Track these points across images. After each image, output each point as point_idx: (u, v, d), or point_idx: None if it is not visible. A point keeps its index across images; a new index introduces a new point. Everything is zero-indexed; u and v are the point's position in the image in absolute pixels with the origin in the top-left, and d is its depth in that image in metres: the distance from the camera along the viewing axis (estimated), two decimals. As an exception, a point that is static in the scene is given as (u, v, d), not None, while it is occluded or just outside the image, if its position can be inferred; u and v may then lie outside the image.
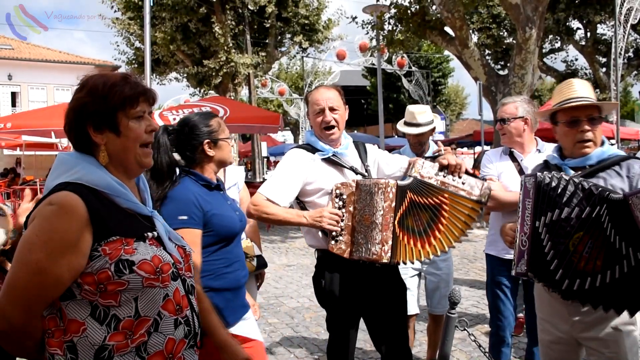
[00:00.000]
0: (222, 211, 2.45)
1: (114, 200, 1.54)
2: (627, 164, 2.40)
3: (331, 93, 2.88)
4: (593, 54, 21.33)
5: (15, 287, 1.43)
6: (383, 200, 2.59)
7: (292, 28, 19.00)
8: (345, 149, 2.92)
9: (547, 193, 2.25)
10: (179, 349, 1.58)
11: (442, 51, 27.52)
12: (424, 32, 12.54)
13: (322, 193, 2.81)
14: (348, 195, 2.70)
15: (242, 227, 2.56)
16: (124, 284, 1.46)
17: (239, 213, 2.56)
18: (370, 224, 2.60)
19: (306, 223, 2.74)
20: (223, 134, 2.56)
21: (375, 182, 2.64)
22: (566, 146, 2.55)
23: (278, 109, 30.82)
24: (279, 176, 2.83)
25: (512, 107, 3.42)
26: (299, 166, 2.82)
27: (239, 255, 2.55)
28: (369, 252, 2.60)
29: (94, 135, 1.56)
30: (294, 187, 2.79)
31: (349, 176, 2.85)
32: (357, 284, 2.81)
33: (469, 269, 7.78)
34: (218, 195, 2.52)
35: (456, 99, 38.56)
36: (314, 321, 5.54)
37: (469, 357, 4.42)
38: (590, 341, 2.39)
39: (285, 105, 27.34)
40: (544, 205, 2.25)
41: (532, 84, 11.35)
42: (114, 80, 1.58)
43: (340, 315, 2.90)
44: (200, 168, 2.52)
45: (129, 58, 19.98)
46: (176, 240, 1.69)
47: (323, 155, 2.84)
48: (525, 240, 2.32)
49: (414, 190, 2.66)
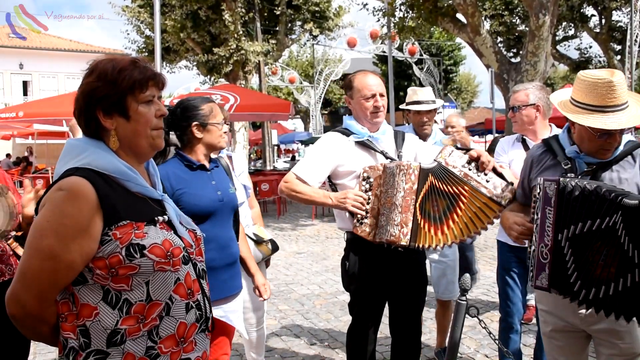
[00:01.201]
0: (197, 190, 2.56)
1: (124, 184, 1.54)
2: (638, 153, 2.27)
3: (379, 80, 2.95)
4: (607, 42, 21.03)
5: (28, 273, 1.44)
6: (404, 182, 2.58)
7: (302, 15, 18.91)
8: (382, 134, 2.94)
9: (570, 203, 2.08)
10: (190, 333, 1.59)
11: (453, 39, 27.29)
12: (435, 18, 12.44)
13: (353, 176, 2.85)
14: (375, 178, 2.71)
15: (222, 208, 2.62)
16: (135, 268, 1.46)
17: (222, 194, 2.63)
18: (391, 205, 2.59)
19: (331, 204, 2.79)
20: (213, 119, 2.66)
21: (398, 164, 2.64)
22: (589, 148, 2.28)
23: (288, 96, 30.76)
24: (311, 157, 2.91)
25: (523, 95, 3.39)
26: (331, 148, 2.87)
27: (217, 237, 2.57)
28: (388, 233, 2.59)
29: (103, 120, 1.56)
30: (325, 168, 2.85)
31: (381, 161, 2.86)
32: (381, 268, 2.82)
33: (479, 257, 7.75)
34: (201, 175, 2.63)
35: (468, 87, 38.30)
36: (324, 308, 5.56)
37: (479, 344, 4.42)
38: (602, 333, 2.30)
39: (296, 93, 27.26)
40: (567, 217, 2.09)
41: (545, 72, 11.24)
42: (123, 65, 1.58)
43: (362, 299, 2.92)
44: (190, 149, 2.65)
45: (139, 46, 20.02)
46: (187, 224, 1.70)
47: (357, 139, 2.87)
48: (547, 253, 2.17)
49: (435, 174, 2.63)
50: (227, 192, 2.68)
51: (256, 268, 2.94)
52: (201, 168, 2.66)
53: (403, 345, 2.98)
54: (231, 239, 2.70)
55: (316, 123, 24.67)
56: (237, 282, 2.73)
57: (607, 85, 2.12)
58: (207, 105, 2.68)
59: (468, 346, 4.42)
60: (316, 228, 11.09)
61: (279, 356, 4.34)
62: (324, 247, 8.89)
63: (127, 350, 1.48)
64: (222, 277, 2.59)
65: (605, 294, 2.03)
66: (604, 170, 2.25)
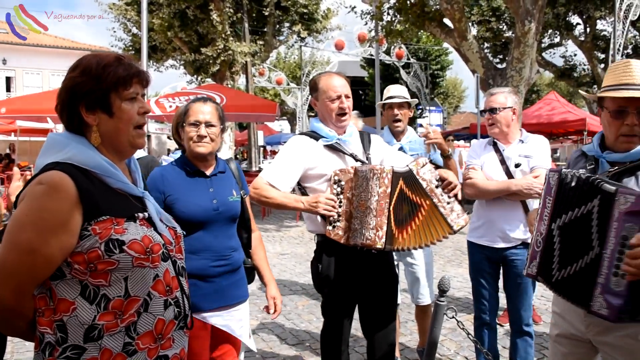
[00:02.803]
0: (190, 198, 2.46)
1: (105, 180, 1.54)
2: None
3: (345, 81, 2.94)
4: (592, 50, 21.28)
5: (5, 267, 1.43)
6: (378, 185, 2.62)
7: (290, 17, 18.90)
8: (349, 137, 2.95)
9: (567, 193, 2.11)
10: (168, 329, 1.59)
11: (441, 43, 27.45)
12: (422, 23, 12.52)
13: (323, 179, 2.85)
14: (346, 181, 2.73)
15: (217, 217, 2.50)
16: (114, 264, 1.47)
17: (218, 203, 2.52)
18: (366, 209, 2.62)
19: (303, 208, 2.78)
20: (188, 119, 2.55)
21: (371, 168, 2.67)
22: (609, 137, 2.24)
23: (275, 98, 30.70)
24: (280, 161, 2.88)
25: (502, 97, 3.45)
26: (300, 152, 2.86)
27: (212, 246, 2.49)
28: (364, 237, 2.62)
29: (86, 116, 1.56)
30: (295, 172, 2.83)
31: (350, 163, 2.87)
32: (354, 270, 2.84)
33: (462, 260, 7.81)
34: (197, 182, 2.54)
35: (454, 92, 38.53)
36: (306, 309, 5.57)
37: (459, 346, 4.45)
38: (605, 346, 2.19)
39: (283, 95, 27.22)
40: (562, 206, 2.12)
41: (530, 78, 11.35)
42: (108, 61, 1.58)
43: (335, 300, 2.93)
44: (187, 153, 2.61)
45: (125, 44, 19.85)
46: (167, 221, 1.70)
47: (326, 142, 2.87)
48: (540, 242, 2.22)
49: (405, 180, 2.69)
50: (224, 200, 2.55)
51: (270, 278, 2.81)
52: (198, 174, 2.56)
53: (377, 346, 3.00)
54: (230, 248, 2.57)
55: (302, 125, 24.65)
56: (238, 291, 2.62)
57: (623, 65, 2.18)
58: (189, 105, 2.59)
59: (448, 348, 4.45)
60: (300, 229, 11.09)
61: (259, 356, 4.34)
62: (308, 248, 8.89)
63: (104, 346, 1.48)
64: (219, 286, 2.50)
65: (562, 276, 2.07)
66: (629, 174, 2.14)
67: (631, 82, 2.14)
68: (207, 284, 2.46)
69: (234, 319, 2.59)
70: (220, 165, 2.67)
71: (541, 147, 3.49)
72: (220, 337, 2.59)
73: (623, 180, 2.14)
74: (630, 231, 1.80)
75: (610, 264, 1.86)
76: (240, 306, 2.64)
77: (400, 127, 3.97)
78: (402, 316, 5.07)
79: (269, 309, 2.75)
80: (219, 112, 2.62)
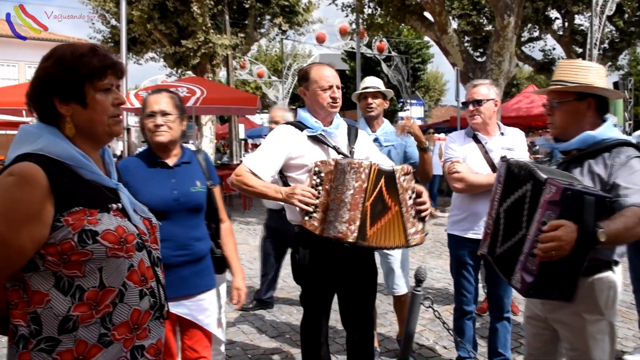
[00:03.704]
0: (150, 188, 2.49)
1: (77, 171, 1.53)
2: (617, 151, 2.27)
3: (335, 72, 2.96)
4: (570, 44, 21.53)
5: None
6: (355, 180, 2.61)
7: (271, 9, 18.83)
8: (335, 129, 2.96)
9: (512, 179, 2.32)
10: (144, 320, 1.59)
11: (422, 37, 27.53)
12: (403, 16, 12.57)
13: (304, 170, 2.85)
14: (326, 173, 2.72)
15: (177, 207, 2.54)
16: (88, 254, 1.46)
17: (179, 193, 2.56)
18: (340, 202, 2.63)
19: (281, 198, 2.78)
20: (145, 112, 2.61)
21: (349, 162, 2.67)
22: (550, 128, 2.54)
23: (256, 91, 30.58)
24: (263, 150, 2.89)
25: (485, 89, 3.48)
26: (283, 141, 2.86)
27: (174, 236, 2.52)
28: (336, 230, 2.62)
29: (59, 106, 1.54)
30: (277, 161, 2.84)
31: (333, 155, 2.88)
32: (331, 261, 2.85)
33: (442, 252, 7.89)
34: (160, 172, 2.58)
35: (435, 85, 38.71)
36: (286, 301, 5.59)
37: (438, 336, 4.51)
38: (557, 323, 2.41)
39: (264, 88, 27.11)
40: (507, 191, 2.33)
41: (509, 71, 11.48)
42: (82, 51, 1.56)
43: (313, 291, 2.95)
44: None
45: (104, 36, 19.59)
46: (142, 212, 1.70)
47: (311, 133, 2.87)
48: (491, 224, 2.43)
49: (386, 179, 2.70)
50: (186, 191, 2.59)
51: (237, 269, 2.86)
52: (161, 165, 2.60)
53: (357, 337, 3.02)
54: (193, 238, 2.62)
55: (284, 118, 24.58)
56: (202, 280, 2.66)
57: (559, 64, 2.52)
58: (146, 98, 2.65)
59: (427, 338, 4.50)
60: (282, 222, 11.08)
61: (240, 349, 4.35)
62: (289, 241, 8.89)
63: (79, 337, 1.47)
64: (180, 275, 2.53)
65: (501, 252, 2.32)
66: (576, 162, 2.35)
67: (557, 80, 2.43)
68: (168, 273, 2.50)
69: (199, 308, 2.63)
70: (185, 155, 2.70)
71: (521, 140, 3.56)
72: (191, 326, 2.64)
73: (571, 169, 2.34)
74: (549, 218, 1.99)
75: (531, 245, 2.05)
76: (206, 295, 2.68)
77: (373, 112, 3.97)
78: (381, 307, 5.12)
79: (232, 299, 2.80)
80: (174, 101, 2.65)
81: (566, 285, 2.06)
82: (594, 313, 2.29)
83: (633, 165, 2.21)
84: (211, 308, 2.72)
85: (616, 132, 2.37)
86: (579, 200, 1.93)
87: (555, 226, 1.91)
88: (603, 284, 2.29)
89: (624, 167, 2.20)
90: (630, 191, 2.12)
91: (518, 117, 17.11)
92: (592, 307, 2.28)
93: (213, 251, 2.80)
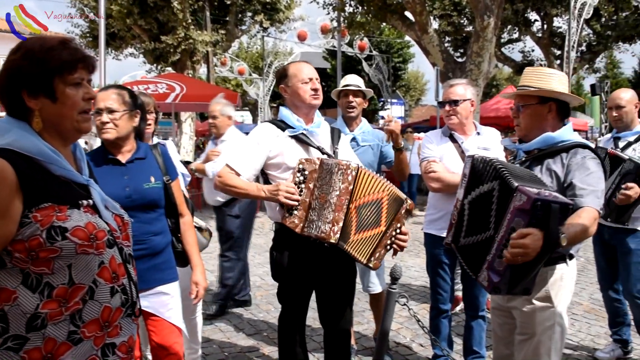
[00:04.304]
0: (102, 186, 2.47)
1: (47, 167, 1.50)
2: (574, 152, 2.45)
3: (313, 68, 3.00)
4: (549, 46, 21.81)
5: None
6: (341, 181, 2.61)
7: (253, 6, 18.73)
8: (317, 127, 2.95)
9: (476, 173, 2.48)
10: (115, 317, 1.58)
11: (403, 36, 27.64)
12: (384, 15, 12.60)
13: (284, 168, 2.85)
14: (310, 172, 2.72)
15: (130, 204, 2.45)
16: (57, 251, 1.44)
17: (131, 190, 2.54)
18: (325, 202, 2.63)
19: (264, 196, 2.79)
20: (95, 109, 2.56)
21: (337, 162, 2.66)
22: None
23: (237, 88, 30.39)
24: (245, 148, 2.88)
25: (461, 89, 3.50)
26: (264, 140, 2.85)
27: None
28: (319, 229, 2.62)
29: (28, 100, 1.51)
30: (258, 160, 2.84)
31: (315, 155, 2.87)
32: (310, 259, 2.85)
33: (419, 250, 7.94)
34: (113, 170, 2.55)
35: (416, 85, 38.90)
36: (264, 299, 5.57)
37: (415, 334, 4.54)
38: (515, 310, 2.56)
39: (245, 85, 26.96)
40: (472, 184, 2.49)
41: (489, 72, 11.58)
42: (52, 44, 1.53)
43: (291, 288, 2.95)
44: None
45: (82, 31, 19.31)
46: (113, 209, 1.68)
47: (293, 133, 2.86)
48: (456, 215, 2.60)
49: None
50: (138, 188, 2.56)
51: (197, 262, 2.85)
52: (113, 162, 2.57)
53: (334, 335, 3.03)
54: (149, 233, 2.60)
55: (264, 115, 24.48)
56: (160, 274, 2.66)
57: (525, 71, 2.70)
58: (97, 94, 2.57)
59: (404, 336, 4.53)
60: (260, 220, 11.04)
61: (217, 347, 4.33)
62: (268, 239, 8.87)
63: (47, 335, 1.45)
64: (138, 268, 2.51)
65: (466, 243, 2.47)
66: (537, 161, 2.54)
67: (522, 84, 2.64)
68: None
69: (160, 302, 2.64)
70: (140, 151, 2.66)
71: (497, 140, 3.59)
72: (157, 321, 2.66)
73: (532, 167, 2.52)
74: (518, 224, 2.12)
75: (499, 247, 2.20)
76: (166, 289, 2.68)
77: (353, 113, 3.97)
78: (359, 305, 5.13)
79: (191, 294, 2.78)
80: (122, 97, 2.60)
81: (527, 282, 2.23)
82: (544, 301, 2.45)
83: (589, 166, 2.38)
84: (173, 301, 2.71)
85: (575, 135, 2.56)
86: (546, 209, 2.06)
87: (523, 234, 2.05)
88: (555, 275, 2.47)
89: (580, 167, 2.38)
90: (586, 192, 2.30)
91: (497, 118, 17.27)
92: (543, 295, 2.45)
93: (174, 245, 2.80)
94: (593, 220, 2.25)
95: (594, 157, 2.43)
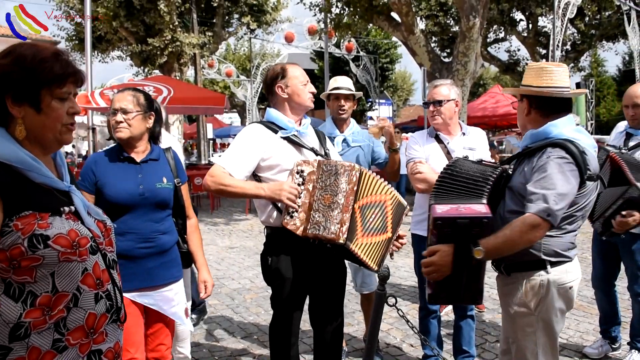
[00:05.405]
0: (117, 182, 2.62)
1: (27, 174, 1.48)
2: (545, 151, 2.30)
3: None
4: (534, 46, 21.98)
5: None
6: (347, 182, 2.60)
7: (240, 8, 18.71)
8: (305, 129, 2.95)
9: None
10: (100, 323, 1.56)
11: (390, 37, 27.71)
12: (371, 16, 12.62)
13: (277, 170, 2.79)
14: (309, 173, 2.69)
15: (143, 202, 2.63)
16: (39, 259, 1.42)
17: (144, 188, 2.65)
18: (331, 203, 2.59)
19: (264, 195, 2.70)
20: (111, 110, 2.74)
21: (341, 164, 2.65)
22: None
23: (225, 90, 30.34)
24: (237, 149, 2.79)
25: (445, 89, 3.50)
26: (257, 140, 2.79)
27: (138, 229, 2.63)
28: (328, 230, 2.57)
29: (10, 107, 1.49)
30: (252, 161, 2.77)
31: (308, 156, 2.85)
32: (304, 263, 2.83)
33: (409, 251, 7.93)
34: (128, 167, 2.68)
35: (403, 85, 39.07)
36: (254, 302, 5.56)
37: (405, 335, 4.54)
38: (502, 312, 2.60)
39: (233, 87, 26.87)
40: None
41: (475, 72, 11.64)
42: (45, 55, 1.50)
43: (286, 293, 2.90)
44: None
45: (69, 34, 19.18)
46: (96, 215, 1.66)
47: (285, 134, 2.83)
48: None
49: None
50: (151, 187, 2.66)
51: (202, 263, 2.98)
52: (129, 160, 2.69)
53: (324, 337, 3.02)
54: (157, 232, 2.69)
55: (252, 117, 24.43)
56: (168, 272, 2.74)
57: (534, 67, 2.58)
58: (113, 95, 2.77)
59: (394, 336, 4.53)
60: (249, 223, 11.04)
61: (207, 350, 4.30)
62: (257, 241, 8.86)
63: (31, 344, 1.43)
64: (146, 266, 2.64)
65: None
66: (526, 158, 2.43)
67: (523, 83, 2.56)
68: (134, 264, 2.61)
69: (165, 299, 2.72)
70: (154, 152, 2.79)
71: (483, 140, 3.60)
72: (154, 317, 2.73)
73: (521, 166, 2.44)
74: (431, 242, 2.23)
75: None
76: (171, 287, 2.76)
77: (345, 115, 3.98)
78: (349, 306, 5.13)
79: (199, 291, 2.93)
80: (136, 99, 2.72)
81: (472, 292, 2.26)
82: (522, 306, 2.39)
83: (547, 167, 2.23)
84: (177, 298, 2.79)
85: (566, 131, 2.35)
86: (452, 225, 2.10)
87: (431, 252, 2.16)
88: (530, 283, 2.36)
89: (539, 169, 2.27)
90: (535, 197, 2.19)
91: (484, 117, 17.39)
92: (519, 301, 2.39)
93: (179, 246, 2.89)
94: (528, 228, 2.14)
95: (561, 157, 2.24)
